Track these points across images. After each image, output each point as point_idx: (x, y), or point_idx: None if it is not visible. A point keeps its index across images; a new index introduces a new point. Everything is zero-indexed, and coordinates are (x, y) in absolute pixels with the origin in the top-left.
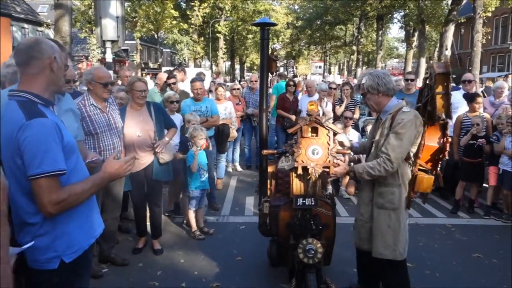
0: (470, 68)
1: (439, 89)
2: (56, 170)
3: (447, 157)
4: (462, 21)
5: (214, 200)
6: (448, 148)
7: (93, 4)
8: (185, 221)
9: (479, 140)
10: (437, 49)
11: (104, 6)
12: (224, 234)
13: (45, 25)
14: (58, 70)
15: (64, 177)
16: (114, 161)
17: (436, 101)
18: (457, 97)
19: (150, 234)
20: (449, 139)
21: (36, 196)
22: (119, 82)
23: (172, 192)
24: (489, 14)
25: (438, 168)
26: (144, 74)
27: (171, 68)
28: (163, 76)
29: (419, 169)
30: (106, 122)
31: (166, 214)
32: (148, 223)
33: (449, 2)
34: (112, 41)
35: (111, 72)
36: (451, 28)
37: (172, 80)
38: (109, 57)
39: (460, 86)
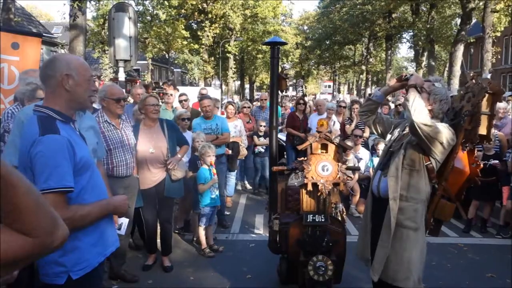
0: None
1: (485, 108)
2: (62, 187)
3: (479, 183)
4: (472, 40)
5: (224, 217)
6: (479, 174)
7: (105, 25)
8: (195, 239)
9: (492, 161)
10: (446, 68)
11: (117, 26)
12: (234, 252)
13: (60, 46)
14: (74, 87)
15: (75, 193)
16: (122, 196)
17: (480, 120)
18: None
19: (160, 251)
20: (481, 165)
21: None
22: (131, 100)
23: (182, 209)
24: (498, 34)
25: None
26: (156, 93)
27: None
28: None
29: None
30: (119, 139)
31: (176, 231)
32: (158, 240)
33: (458, 22)
34: (125, 61)
35: (123, 91)
36: (461, 47)
37: (183, 97)
38: (121, 76)
39: None
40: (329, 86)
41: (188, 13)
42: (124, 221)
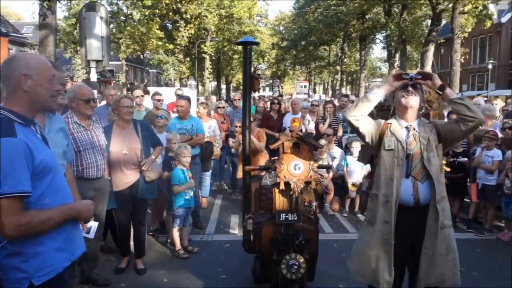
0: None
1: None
2: (17, 192)
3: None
4: (442, 41)
5: (199, 218)
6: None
7: (77, 24)
8: (169, 240)
9: (460, 158)
10: (418, 68)
11: (89, 26)
12: (209, 253)
13: (29, 46)
14: (34, 87)
15: (35, 198)
16: (86, 201)
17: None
18: None
19: (134, 254)
20: (444, 160)
21: None
22: (104, 101)
23: (156, 210)
24: (466, 35)
25: None
26: (131, 94)
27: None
28: (135, 92)
29: None
30: (89, 140)
31: (150, 233)
32: (131, 242)
33: (429, 23)
34: (97, 61)
35: (95, 91)
36: (431, 48)
37: (158, 97)
38: (93, 77)
39: None
40: (305, 86)
41: (162, 13)
42: (94, 225)
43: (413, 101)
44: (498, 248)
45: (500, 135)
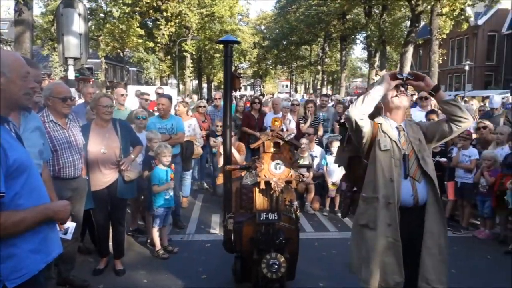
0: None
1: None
2: None
3: None
4: (420, 42)
5: (179, 218)
6: None
7: (55, 21)
8: (149, 240)
9: (438, 157)
10: (397, 69)
11: (66, 22)
12: (189, 253)
13: (4, 42)
14: (7, 84)
15: (8, 198)
16: (63, 202)
17: None
18: (415, 113)
19: (112, 254)
20: None
21: None
22: (81, 99)
23: (135, 211)
24: (444, 36)
25: None
26: (111, 92)
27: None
28: (119, 91)
29: None
30: (66, 139)
31: (130, 233)
32: (110, 243)
33: (408, 25)
34: (75, 58)
35: (73, 89)
36: (410, 49)
37: (146, 97)
38: (71, 75)
39: (417, 102)
40: (286, 86)
41: (142, 11)
42: (71, 226)
43: (405, 101)
44: (474, 246)
45: (474, 135)
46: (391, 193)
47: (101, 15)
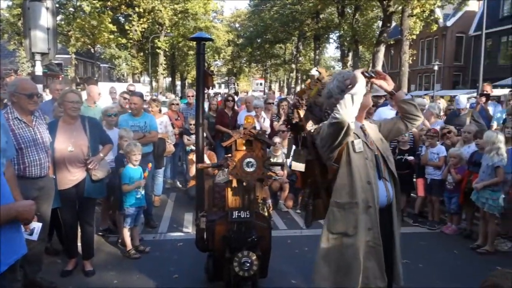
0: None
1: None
2: None
3: None
4: (392, 42)
5: (151, 217)
6: None
7: (22, 15)
8: (119, 240)
9: (406, 155)
10: (370, 68)
11: (33, 16)
12: (161, 252)
13: None
14: None
15: None
16: (27, 201)
17: None
18: (386, 112)
19: (81, 255)
20: None
21: None
22: (47, 96)
23: (106, 210)
24: (414, 37)
25: None
26: (80, 89)
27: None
28: (95, 88)
29: None
30: (31, 137)
31: (100, 233)
32: (79, 244)
33: (380, 25)
34: (42, 54)
35: (40, 86)
36: (382, 49)
37: (126, 96)
38: (38, 70)
39: (388, 101)
40: (261, 84)
41: (114, 6)
42: (37, 226)
43: (370, 99)
44: (441, 241)
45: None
46: (370, 197)
47: (71, 9)
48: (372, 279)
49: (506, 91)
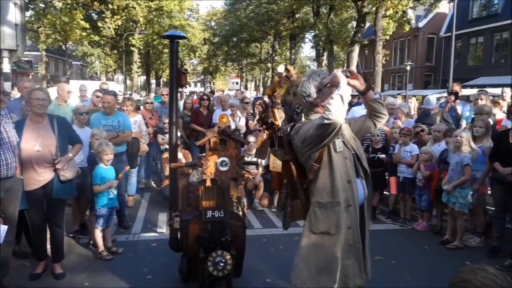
0: (373, 85)
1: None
2: None
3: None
4: (366, 42)
5: (124, 217)
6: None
7: None
8: (91, 242)
9: (379, 154)
10: (345, 68)
11: (1, 12)
12: (135, 253)
13: None
14: None
15: None
16: None
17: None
18: (359, 111)
19: (51, 258)
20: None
21: None
22: (15, 93)
23: (77, 210)
24: (388, 37)
25: None
26: (50, 87)
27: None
28: (65, 87)
29: None
30: None
31: (71, 235)
32: (48, 246)
33: (354, 25)
34: (10, 50)
35: (9, 83)
36: (356, 49)
37: (98, 94)
38: (6, 68)
39: (360, 101)
40: (237, 83)
41: (86, 2)
42: (3, 228)
43: None
44: (413, 237)
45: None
46: (350, 195)
47: (41, 5)
48: (351, 277)
49: (474, 91)
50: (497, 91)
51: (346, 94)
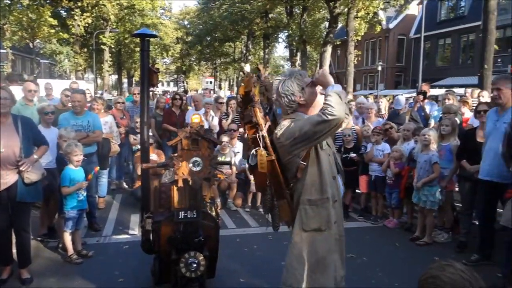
0: (345, 85)
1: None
2: None
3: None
4: (338, 43)
5: (95, 220)
6: None
7: None
8: (60, 245)
9: (351, 154)
10: (318, 68)
11: None
12: (105, 256)
13: None
14: None
15: None
16: None
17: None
18: None
19: (17, 263)
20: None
21: None
22: None
23: (45, 213)
24: (359, 38)
25: None
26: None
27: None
28: (28, 85)
29: None
30: None
31: (39, 238)
32: (14, 250)
33: (327, 25)
34: None
35: None
36: (329, 49)
37: (67, 93)
38: None
39: None
40: (211, 82)
41: None
42: None
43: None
44: (384, 234)
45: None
46: (336, 191)
47: (7, 1)
48: (337, 270)
49: (443, 91)
50: (463, 91)
51: (341, 91)
